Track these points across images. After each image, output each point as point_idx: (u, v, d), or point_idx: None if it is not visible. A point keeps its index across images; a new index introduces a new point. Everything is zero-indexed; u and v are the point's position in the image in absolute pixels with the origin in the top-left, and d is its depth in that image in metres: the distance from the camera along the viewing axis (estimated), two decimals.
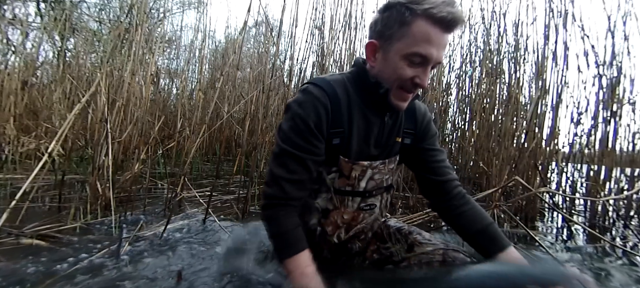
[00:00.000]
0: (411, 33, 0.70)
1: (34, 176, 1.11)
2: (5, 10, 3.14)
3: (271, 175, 0.77)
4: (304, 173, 0.76)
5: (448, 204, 0.87)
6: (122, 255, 1.02)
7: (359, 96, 0.80)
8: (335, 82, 0.79)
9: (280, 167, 0.76)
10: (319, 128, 0.75)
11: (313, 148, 0.76)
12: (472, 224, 0.84)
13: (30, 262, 0.93)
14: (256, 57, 3.73)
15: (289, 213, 0.76)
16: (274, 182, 0.76)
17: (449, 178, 0.88)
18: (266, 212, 0.77)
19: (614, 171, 1.87)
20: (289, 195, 0.75)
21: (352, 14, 2.20)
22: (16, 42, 2.79)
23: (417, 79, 0.72)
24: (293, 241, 0.74)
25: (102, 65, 1.93)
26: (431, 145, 0.90)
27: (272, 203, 0.76)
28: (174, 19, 5.96)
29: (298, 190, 0.77)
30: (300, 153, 0.75)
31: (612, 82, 1.86)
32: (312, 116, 0.75)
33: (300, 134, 0.75)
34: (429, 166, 0.89)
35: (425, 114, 0.91)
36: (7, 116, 2.21)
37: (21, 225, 1.16)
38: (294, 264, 0.72)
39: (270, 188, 0.76)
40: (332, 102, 0.76)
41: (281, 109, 2.40)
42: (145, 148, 1.69)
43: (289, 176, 0.75)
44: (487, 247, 0.81)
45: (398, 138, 0.86)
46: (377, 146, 0.83)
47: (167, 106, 3.46)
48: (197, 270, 0.95)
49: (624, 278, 1.16)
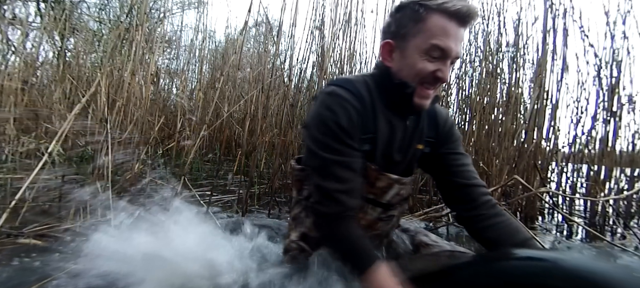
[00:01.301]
0: (427, 28, 0.68)
1: (34, 176, 1.11)
2: (5, 10, 3.14)
3: (321, 191, 0.71)
4: (356, 178, 0.72)
5: (475, 213, 0.78)
6: (121, 255, 1.02)
7: (381, 98, 0.76)
8: (358, 83, 0.76)
9: (328, 179, 0.70)
10: (353, 129, 0.71)
11: (355, 150, 0.72)
12: (505, 239, 0.73)
13: (30, 262, 0.93)
14: (256, 57, 3.73)
15: (351, 225, 0.70)
16: (327, 197, 0.70)
17: (475, 183, 0.80)
18: (326, 231, 0.71)
19: (614, 171, 1.87)
20: (346, 206, 0.70)
21: (352, 14, 2.20)
22: (16, 42, 2.79)
23: (438, 72, 0.70)
24: (365, 252, 0.68)
25: (102, 65, 1.94)
26: (454, 149, 0.84)
27: (331, 221, 0.71)
28: (174, 19, 5.96)
29: (354, 198, 0.71)
30: (345, 158, 0.70)
31: (612, 82, 1.86)
32: (344, 118, 0.70)
33: (337, 138, 0.70)
34: (451, 169, 0.82)
35: (447, 119, 0.86)
36: (7, 116, 2.20)
37: (21, 225, 1.16)
38: (374, 276, 0.65)
39: (324, 206, 0.71)
40: (360, 105, 0.72)
41: (281, 109, 2.40)
42: (145, 148, 1.69)
43: (341, 187, 0.70)
44: None
45: (419, 144, 0.82)
46: (400, 151, 0.80)
47: (167, 106, 3.46)
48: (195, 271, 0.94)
49: None
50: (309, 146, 0.74)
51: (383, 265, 0.66)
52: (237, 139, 3.30)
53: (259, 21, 3.58)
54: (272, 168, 2.10)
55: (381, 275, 0.65)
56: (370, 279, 0.65)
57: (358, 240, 0.69)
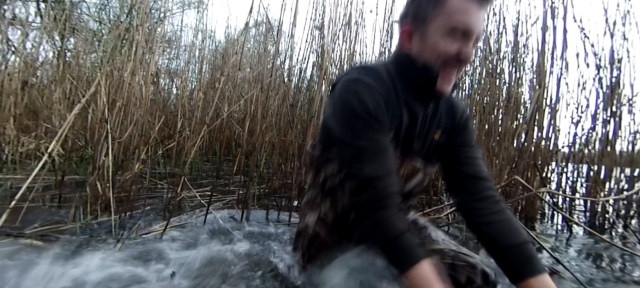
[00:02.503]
0: (447, 9, 0.67)
1: (34, 176, 1.11)
2: (5, 10, 3.14)
3: (358, 181, 0.68)
4: (391, 163, 0.69)
5: (477, 206, 0.76)
6: (121, 255, 1.02)
7: (403, 85, 0.74)
8: (381, 70, 0.74)
9: (364, 167, 0.67)
10: (383, 115, 0.69)
11: (386, 134, 0.69)
12: (504, 237, 0.72)
13: (29, 262, 0.93)
14: (256, 57, 3.73)
15: (394, 215, 0.66)
16: (365, 186, 0.67)
17: (482, 176, 0.79)
18: (367, 222, 0.67)
19: (614, 171, 1.87)
20: (387, 193, 0.67)
21: (352, 14, 2.20)
22: (16, 42, 2.79)
23: (462, 53, 0.68)
24: (410, 248, 0.64)
25: (102, 65, 1.94)
26: (467, 142, 0.83)
27: (370, 210, 0.67)
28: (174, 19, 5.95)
29: (392, 184, 0.68)
30: (379, 144, 0.68)
31: (612, 82, 1.86)
32: (372, 104, 0.68)
33: (368, 125, 0.68)
34: (460, 160, 0.81)
35: (464, 112, 0.85)
36: (7, 116, 2.21)
37: (21, 225, 1.16)
38: (419, 277, 0.61)
39: (362, 195, 0.68)
40: (385, 91, 0.70)
41: (281, 109, 2.40)
42: (145, 148, 1.69)
43: (378, 173, 0.67)
44: (517, 268, 0.69)
45: (436, 134, 0.81)
46: (419, 139, 0.78)
47: (167, 106, 3.46)
48: (194, 271, 0.95)
49: (624, 278, 1.16)
50: (339, 137, 0.71)
51: (427, 263, 0.62)
52: (237, 139, 3.30)
53: (259, 21, 3.58)
54: (272, 168, 2.10)
55: (425, 276, 0.61)
56: (412, 278, 0.61)
57: (402, 234, 0.65)
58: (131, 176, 1.62)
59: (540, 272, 0.67)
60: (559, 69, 1.90)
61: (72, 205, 1.36)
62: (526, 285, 0.67)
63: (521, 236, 0.72)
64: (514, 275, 0.69)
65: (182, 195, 1.57)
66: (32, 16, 3.82)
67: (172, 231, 1.26)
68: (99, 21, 4.77)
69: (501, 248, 0.71)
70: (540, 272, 0.67)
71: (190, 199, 1.67)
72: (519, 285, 0.68)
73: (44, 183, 1.67)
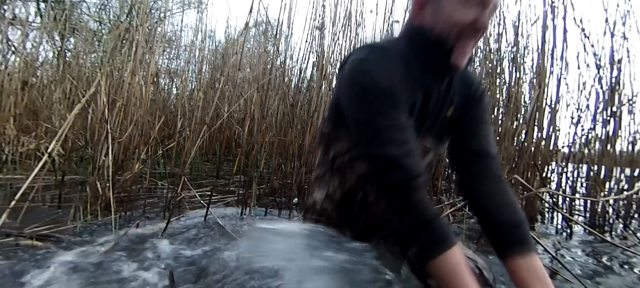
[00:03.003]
0: None
1: (34, 176, 1.11)
2: (5, 10, 3.14)
3: (382, 162, 0.63)
4: (413, 140, 0.65)
5: (478, 182, 0.74)
6: (121, 255, 1.02)
7: (416, 61, 0.70)
8: (391, 47, 0.71)
9: (387, 147, 0.63)
10: (398, 92, 0.65)
11: (404, 112, 0.66)
12: (499, 215, 0.70)
13: (29, 262, 0.93)
14: (256, 58, 3.73)
15: (424, 197, 0.63)
16: (389, 167, 0.63)
17: (488, 153, 0.76)
18: (395, 204, 0.63)
19: (614, 171, 1.87)
20: (414, 171, 0.62)
21: (352, 14, 2.21)
22: (16, 42, 2.80)
23: (478, 22, 0.65)
24: (444, 232, 0.60)
25: (102, 65, 1.94)
26: (479, 116, 0.79)
27: (399, 192, 0.62)
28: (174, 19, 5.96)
29: (419, 163, 0.64)
30: (399, 121, 0.64)
31: (612, 82, 1.86)
32: (387, 81, 0.64)
33: (386, 102, 0.64)
34: (468, 133, 0.77)
35: (480, 85, 0.81)
36: (7, 116, 2.21)
37: (21, 225, 1.16)
38: (451, 263, 0.58)
39: (388, 177, 0.63)
40: (397, 69, 0.67)
41: (281, 109, 2.40)
42: (145, 148, 1.69)
43: (402, 150, 0.63)
44: (507, 246, 0.68)
45: (449, 110, 0.76)
46: (431, 116, 0.74)
47: (167, 106, 3.46)
48: (194, 271, 0.95)
49: (624, 277, 1.16)
50: (355, 119, 0.68)
51: (459, 249, 0.59)
52: (237, 139, 3.30)
53: (259, 21, 3.58)
54: (271, 168, 2.10)
55: (458, 262, 0.58)
56: (445, 262, 0.58)
57: (435, 218, 0.61)
58: (131, 176, 1.62)
59: (529, 252, 0.67)
60: (559, 69, 1.91)
61: (72, 205, 1.36)
62: (514, 262, 0.66)
63: (518, 216, 0.71)
64: (503, 251, 0.69)
65: (182, 194, 1.57)
66: (32, 16, 3.83)
67: (171, 231, 1.26)
68: (99, 21, 4.77)
69: (495, 225, 0.70)
70: (529, 251, 0.67)
71: (190, 199, 1.67)
72: (507, 261, 0.67)
73: (44, 183, 1.67)
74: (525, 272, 0.65)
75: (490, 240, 0.72)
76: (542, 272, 0.66)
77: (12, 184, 1.73)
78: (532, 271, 0.65)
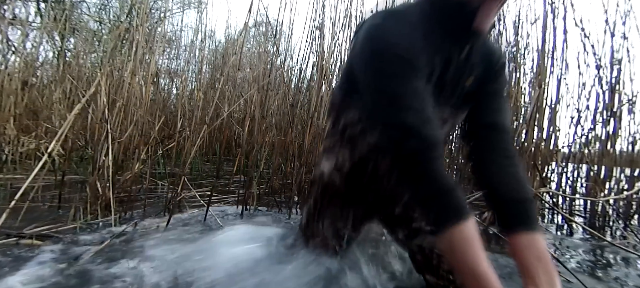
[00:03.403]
0: None
1: (34, 176, 1.11)
2: (5, 10, 3.14)
3: (400, 129, 0.60)
4: (431, 107, 0.62)
5: (487, 157, 0.72)
6: (120, 255, 1.02)
7: (435, 24, 0.66)
8: (408, 10, 0.68)
9: (404, 113, 0.60)
10: (416, 56, 0.62)
11: (422, 79, 0.63)
12: (507, 190, 0.68)
13: (29, 262, 0.93)
14: (256, 57, 3.73)
15: (440, 167, 0.60)
16: (407, 135, 0.60)
17: (501, 126, 0.73)
18: (412, 174, 0.60)
19: (614, 171, 1.87)
20: (433, 139, 0.60)
21: (352, 14, 2.21)
22: (16, 42, 2.80)
23: None
24: (460, 203, 0.58)
25: (102, 65, 1.94)
26: (497, 90, 0.76)
27: (416, 162, 0.60)
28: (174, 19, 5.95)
29: (435, 130, 0.61)
30: (417, 87, 0.61)
31: (612, 82, 1.86)
32: (405, 45, 0.61)
33: (403, 67, 0.61)
34: (483, 107, 0.74)
35: (501, 57, 0.78)
36: (7, 116, 2.21)
37: (21, 225, 1.16)
38: (464, 234, 0.56)
39: (406, 145, 0.60)
40: (416, 34, 0.64)
41: (281, 109, 2.40)
42: (145, 148, 1.69)
43: (420, 118, 0.60)
44: (512, 222, 0.66)
45: (468, 80, 0.73)
46: (450, 85, 0.71)
47: (167, 106, 3.46)
48: (193, 271, 0.95)
49: (624, 277, 1.16)
50: (370, 85, 0.65)
51: (473, 222, 0.57)
52: (237, 139, 3.30)
53: (259, 21, 3.58)
54: (272, 168, 2.10)
55: (471, 234, 0.56)
56: (459, 233, 0.56)
57: (454, 189, 0.59)
58: (131, 176, 1.62)
59: (533, 230, 0.65)
60: (559, 70, 1.91)
61: (72, 205, 1.36)
62: (515, 240, 0.65)
63: (524, 192, 0.69)
64: (506, 227, 0.67)
65: (182, 194, 1.57)
66: (32, 16, 3.82)
67: (171, 231, 1.26)
68: (99, 21, 4.77)
69: (501, 200, 0.68)
70: (533, 230, 0.65)
71: (190, 199, 1.67)
72: (509, 237, 0.66)
73: (44, 183, 1.67)
74: (526, 250, 0.63)
75: (495, 215, 0.70)
76: (543, 252, 0.63)
77: (12, 184, 1.73)
78: (533, 250, 0.63)
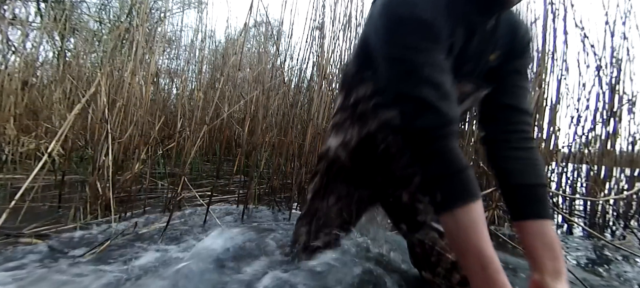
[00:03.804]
0: None
1: (34, 176, 1.11)
2: (5, 10, 3.14)
3: (415, 103, 0.57)
4: (450, 81, 0.58)
5: (502, 138, 0.69)
6: (119, 255, 1.02)
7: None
8: None
9: (421, 86, 0.56)
10: (439, 25, 0.58)
11: (443, 51, 0.59)
12: (520, 175, 0.66)
13: (28, 262, 0.93)
14: (256, 57, 3.73)
15: (456, 146, 0.57)
16: (424, 108, 0.56)
17: (520, 107, 0.69)
18: (425, 150, 0.57)
19: (614, 171, 1.87)
20: (449, 116, 0.56)
21: (352, 15, 2.21)
22: (16, 42, 2.80)
23: None
24: (471, 183, 0.55)
25: (102, 65, 1.94)
26: (520, 68, 0.72)
27: (430, 138, 0.56)
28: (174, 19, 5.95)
29: (453, 106, 0.57)
30: (437, 58, 0.57)
31: (612, 82, 1.86)
32: (428, 12, 0.57)
33: (425, 36, 0.57)
34: (504, 86, 0.70)
35: (527, 33, 0.73)
36: (7, 116, 2.21)
37: (21, 225, 1.16)
38: (472, 215, 0.53)
39: (420, 120, 0.56)
40: (440, 1, 0.59)
41: (281, 109, 2.40)
42: (145, 148, 1.69)
43: (438, 92, 0.56)
44: (523, 208, 0.64)
45: (492, 55, 0.69)
46: (472, 59, 0.67)
47: (167, 106, 3.46)
48: (193, 269, 0.95)
49: (624, 277, 1.16)
50: (389, 55, 0.60)
51: (481, 204, 0.55)
52: (237, 139, 3.30)
53: (259, 21, 3.58)
54: (272, 168, 2.10)
55: (478, 216, 0.53)
56: (466, 214, 0.53)
57: (464, 167, 0.56)
58: (131, 176, 1.62)
59: (543, 217, 0.62)
60: (559, 70, 1.91)
61: (72, 205, 1.36)
62: (525, 226, 0.63)
63: (537, 178, 0.66)
64: (515, 213, 0.65)
65: (182, 195, 1.57)
66: (32, 16, 3.82)
67: (171, 231, 1.26)
68: (99, 21, 4.77)
69: (513, 185, 0.66)
70: (543, 216, 0.62)
71: (190, 199, 1.67)
72: (519, 224, 0.64)
73: (44, 183, 1.67)
74: (534, 236, 0.62)
75: (505, 201, 0.69)
76: (551, 239, 0.61)
77: (12, 184, 1.73)
78: (541, 237, 0.61)
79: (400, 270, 0.93)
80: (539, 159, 0.69)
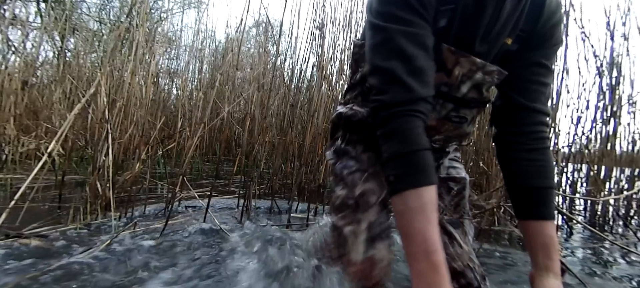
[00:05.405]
0: None
1: (34, 176, 1.11)
2: (5, 10, 3.14)
3: (384, 75, 0.54)
4: (426, 58, 0.54)
5: (515, 140, 0.65)
6: (120, 255, 1.02)
7: None
8: None
9: (392, 57, 0.53)
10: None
11: (426, 21, 0.55)
12: (527, 178, 0.64)
13: (28, 262, 0.93)
14: (256, 57, 3.73)
15: (419, 126, 0.53)
16: (390, 81, 0.53)
17: (535, 106, 0.64)
18: (387, 127, 0.54)
19: (614, 171, 1.87)
20: (416, 93, 0.52)
21: (353, 15, 2.21)
22: (16, 42, 2.80)
23: None
24: (426, 166, 0.52)
25: (102, 65, 1.94)
26: (543, 59, 0.64)
27: (394, 113, 0.53)
28: (174, 19, 5.95)
29: (424, 84, 0.54)
30: (414, 30, 0.53)
31: (612, 82, 1.86)
32: None
33: (404, 4, 0.53)
34: (519, 81, 0.64)
35: (555, 13, 0.63)
36: (7, 116, 2.21)
37: (21, 225, 1.16)
38: (422, 199, 0.50)
39: (387, 93, 0.53)
40: None
41: (281, 109, 2.40)
42: (145, 148, 1.69)
43: (408, 66, 0.52)
44: (526, 208, 0.64)
45: (509, 38, 0.62)
46: (485, 39, 0.61)
47: (167, 106, 3.46)
48: (192, 271, 0.95)
49: (624, 276, 1.16)
50: (370, 21, 0.57)
51: (434, 190, 0.52)
52: (237, 139, 3.30)
53: (259, 21, 3.58)
54: (272, 168, 2.10)
55: (427, 201, 0.51)
56: (416, 197, 0.50)
57: (423, 149, 0.52)
58: (131, 176, 1.62)
59: (544, 218, 0.62)
60: (559, 70, 1.91)
61: (72, 205, 1.36)
62: (527, 225, 0.63)
63: (544, 181, 0.64)
64: (520, 213, 0.65)
65: (181, 195, 1.57)
66: (32, 16, 3.82)
67: (170, 231, 1.26)
68: (99, 21, 4.77)
69: (520, 185, 0.65)
70: (544, 218, 0.62)
71: (190, 199, 1.67)
72: (521, 223, 0.65)
73: (44, 183, 1.67)
74: (533, 236, 0.62)
75: (510, 197, 0.68)
76: (549, 239, 0.61)
77: (12, 184, 1.73)
78: (540, 237, 0.62)
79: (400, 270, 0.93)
80: (549, 161, 0.66)
